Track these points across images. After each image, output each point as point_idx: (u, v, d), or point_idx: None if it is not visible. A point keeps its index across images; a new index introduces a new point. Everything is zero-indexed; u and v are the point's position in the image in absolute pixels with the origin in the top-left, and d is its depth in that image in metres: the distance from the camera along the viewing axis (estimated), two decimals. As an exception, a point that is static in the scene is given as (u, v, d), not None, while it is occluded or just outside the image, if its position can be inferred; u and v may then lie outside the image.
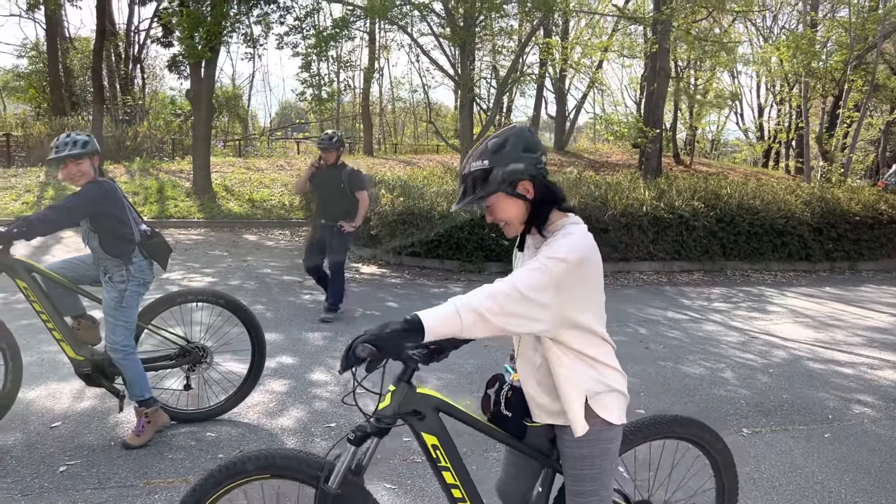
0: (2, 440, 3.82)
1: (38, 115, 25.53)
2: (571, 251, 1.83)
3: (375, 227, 10.28)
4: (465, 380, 5.14)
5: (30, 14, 26.51)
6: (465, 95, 13.65)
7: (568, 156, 26.83)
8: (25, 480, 3.38)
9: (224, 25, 12.82)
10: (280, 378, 5.02)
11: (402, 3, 12.94)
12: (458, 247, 9.62)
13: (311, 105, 16.79)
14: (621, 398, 2.03)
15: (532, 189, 1.95)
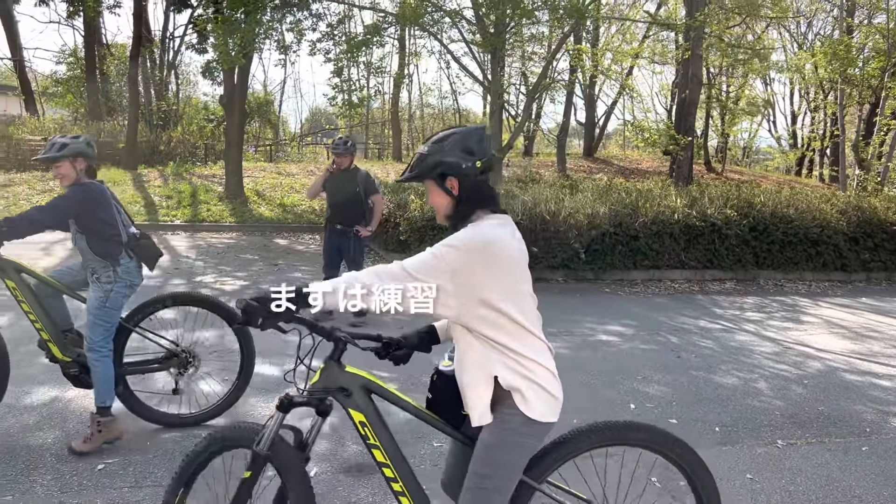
0: (41, 438, 3.91)
1: (75, 119, 26.03)
2: (464, 239, 1.98)
3: (405, 232, 10.31)
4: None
5: (69, 21, 27.09)
6: (495, 102, 13.66)
7: (597, 162, 26.67)
8: (65, 478, 3.45)
9: (258, 32, 12.97)
10: (311, 381, 5.06)
11: (434, 10, 13.00)
12: (487, 253, 9.62)
13: (342, 110, 16.94)
14: (545, 395, 2.05)
15: (458, 187, 2.08)
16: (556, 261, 9.59)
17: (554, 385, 2.10)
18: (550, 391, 2.07)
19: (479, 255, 1.97)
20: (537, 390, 2.04)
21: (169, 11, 26.47)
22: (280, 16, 13.19)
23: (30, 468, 3.53)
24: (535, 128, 29.55)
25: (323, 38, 14.92)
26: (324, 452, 3.87)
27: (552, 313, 7.73)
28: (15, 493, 3.28)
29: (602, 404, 4.83)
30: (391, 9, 15.60)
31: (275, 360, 5.53)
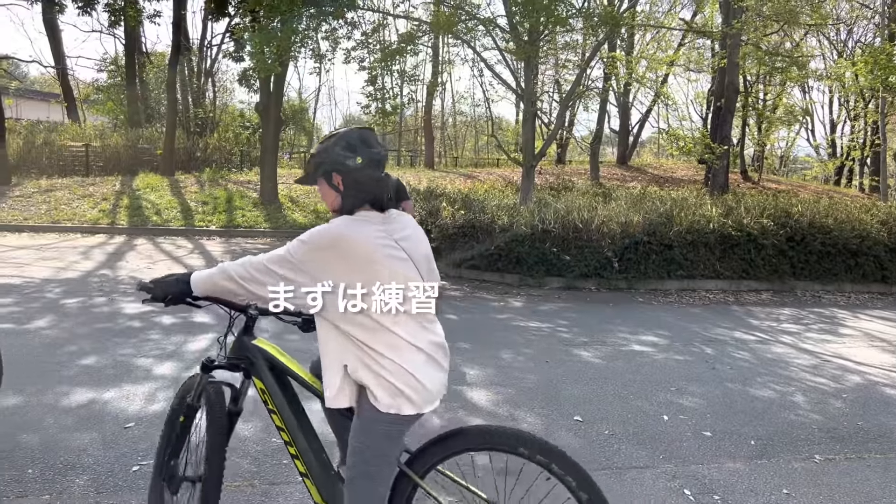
0: (79, 439, 3.97)
1: (115, 126, 26.64)
2: (313, 235, 2.13)
3: (436, 239, 10.33)
4: (525, 395, 5.10)
5: (110, 30, 27.76)
6: (528, 109, 13.62)
7: (631, 171, 26.46)
8: (101, 479, 3.50)
9: (293, 40, 13.14)
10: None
11: (468, 19, 13.03)
12: (519, 261, 9.59)
13: (375, 118, 17.07)
14: (393, 389, 2.13)
15: (342, 182, 2.22)
16: (588, 269, 9.52)
17: (407, 379, 2.15)
18: (399, 386, 2.13)
19: (329, 252, 2.12)
20: (385, 385, 2.13)
21: (207, 20, 26.96)
22: (316, 24, 13.34)
23: (67, 468, 3.59)
24: (568, 135, 29.41)
25: (357, 46, 15.08)
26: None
27: (584, 322, 7.69)
28: (52, 493, 3.34)
29: (634, 415, 4.77)
30: (425, 17, 15.67)
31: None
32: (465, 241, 9.94)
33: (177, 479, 2.68)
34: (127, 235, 13.31)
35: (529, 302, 8.75)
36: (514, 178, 22.76)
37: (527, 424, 4.49)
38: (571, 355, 6.29)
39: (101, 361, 5.38)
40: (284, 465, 3.75)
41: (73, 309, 7.20)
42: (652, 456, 4.11)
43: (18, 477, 3.45)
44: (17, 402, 4.41)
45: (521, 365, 5.89)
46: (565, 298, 9.04)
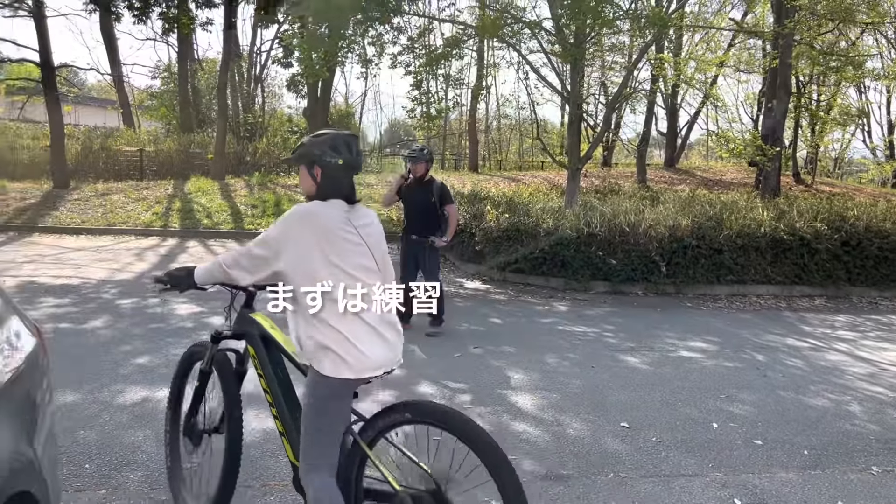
0: (133, 436, 4.09)
1: (168, 131, 27.34)
2: (289, 213, 2.54)
3: (480, 242, 10.33)
4: (571, 400, 5.06)
5: (164, 38, 28.51)
6: (574, 112, 13.52)
7: (679, 173, 26.03)
8: (154, 476, 3.60)
9: (340, 46, 13.30)
10: (388, 389, 5.11)
11: (513, 22, 13.00)
12: (564, 264, 9.52)
13: (420, 122, 17.16)
14: (334, 357, 2.41)
15: (320, 175, 2.59)
16: (635, 273, 9.39)
17: (347, 348, 2.42)
18: (340, 353, 2.41)
19: (298, 225, 2.49)
20: (329, 353, 2.43)
21: (256, 27, 27.51)
22: (362, 30, 13.47)
23: (122, 465, 3.70)
24: (614, 138, 29.09)
25: (403, 51, 15.17)
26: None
27: (631, 327, 7.60)
28: (108, 488, 3.45)
29: (682, 422, 4.69)
30: (471, 21, 15.70)
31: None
32: (510, 245, 9.91)
33: (197, 433, 3.19)
34: (179, 238, 13.64)
35: (575, 306, 8.68)
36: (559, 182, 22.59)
37: (572, 430, 4.46)
38: (618, 361, 6.22)
39: (155, 361, 5.52)
40: (331, 465, 3.80)
41: (127, 309, 7.41)
42: (701, 464, 4.03)
43: (76, 472, 3.57)
44: (74, 399, 4.55)
45: (567, 370, 5.85)
46: (611, 303, 8.94)
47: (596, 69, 23.04)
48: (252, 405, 4.56)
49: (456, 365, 5.83)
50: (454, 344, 6.52)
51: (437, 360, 5.96)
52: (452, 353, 6.20)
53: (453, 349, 6.31)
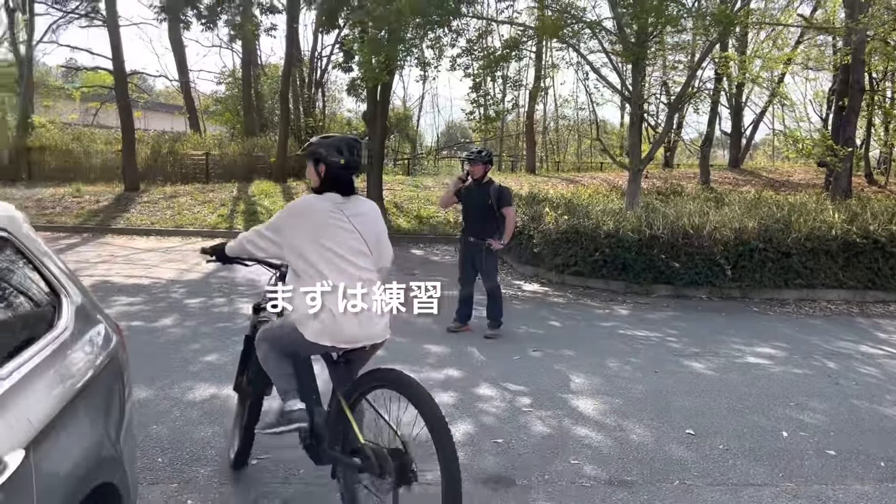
0: (202, 432, 4.21)
1: (232, 136, 28.01)
2: (290, 205, 3.14)
3: (538, 244, 10.27)
4: (633, 405, 4.98)
5: (229, 45, 29.30)
6: (636, 112, 13.31)
7: (744, 174, 25.35)
8: (222, 471, 3.70)
9: (400, 50, 13.43)
10: (447, 390, 5.14)
11: (574, 22, 12.89)
12: (625, 267, 9.38)
13: (479, 124, 17.17)
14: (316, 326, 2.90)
15: (324, 172, 3.07)
16: (699, 277, 9.19)
17: (325, 321, 2.89)
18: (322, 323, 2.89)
19: (297, 216, 3.04)
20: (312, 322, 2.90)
21: (318, 32, 27.91)
22: (421, 33, 13.57)
23: (193, 459, 3.82)
24: (676, 138, 28.52)
25: (462, 53, 15.22)
26: (462, 461, 3.90)
27: (695, 332, 7.43)
28: (180, 482, 3.56)
29: (750, 430, 4.56)
30: (530, 22, 15.63)
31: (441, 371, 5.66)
32: (569, 247, 9.82)
33: (244, 390, 3.75)
34: (243, 239, 13.96)
35: (636, 310, 8.55)
36: (619, 183, 22.27)
37: (635, 436, 4.39)
38: (682, 366, 6.10)
39: (222, 359, 5.67)
40: (393, 465, 3.83)
41: (195, 308, 7.64)
42: (770, 473, 3.92)
43: (150, 465, 3.70)
44: (147, 394, 4.72)
45: (629, 374, 5.76)
46: (674, 307, 8.76)
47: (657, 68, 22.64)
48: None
49: (515, 368, 5.81)
50: (512, 347, 6.50)
51: (496, 362, 5.96)
52: (511, 355, 6.18)
53: (512, 352, 6.30)
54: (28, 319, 2.10)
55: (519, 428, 4.43)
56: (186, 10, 19.44)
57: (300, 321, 2.93)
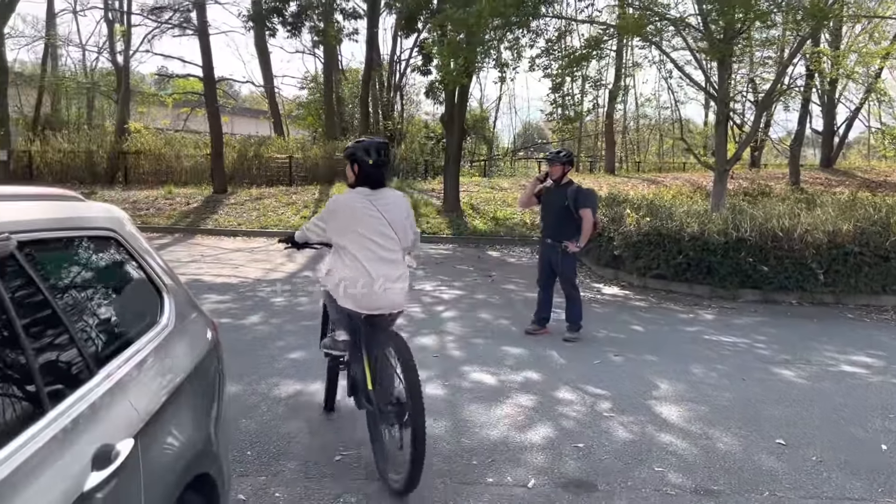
0: (288, 427, 4.34)
1: (314, 139, 28.73)
2: (330, 203, 3.89)
3: (619, 247, 10.09)
4: (720, 413, 4.83)
5: (312, 50, 30.07)
6: (722, 111, 12.89)
7: (837, 174, 24.22)
8: (308, 466, 3.80)
9: (479, 52, 13.47)
10: (527, 393, 5.12)
11: (657, 19, 12.60)
12: (710, 271, 9.10)
13: (559, 125, 17.02)
14: (346, 295, 3.72)
15: (358, 170, 3.80)
16: (789, 281, 8.82)
17: (351, 291, 3.70)
18: (350, 293, 3.70)
19: (335, 211, 3.81)
20: (335, 287, 3.80)
21: (397, 36, 28.33)
22: (500, 35, 13.57)
23: (279, 454, 3.94)
24: (764, 137, 27.48)
25: (541, 54, 15.12)
26: (541, 465, 3.89)
27: (785, 338, 7.14)
28: (268, 475, 3.68)
29: (846, 442, 4.35)
30: (611, 21, 15.38)
31: (521, 374, 5.68)
32: (651, 250, 9.61)
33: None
34: (324, 240, 14.30)
35: (722, 315, 8.28)
36: (703, 183, 21.65)
37: (722, 444, 4.26)
38: (771, 374, 5.87)
39: (306, 356, 5.83)
40: (474, 465, 3.85)
41: (280, 307, 7.87)
42: (869, 488, 3.73)
43: (240, 458, 3.84)
44: (237, 389, 4.90)
45: (715, 381, 5.59)
46: (762, 312, 8.44)
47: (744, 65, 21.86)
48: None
49: (595, 372, 5.73)
50: (592, 350, 6.41)
51: (576, 365, 5.89)
52: (591, 359, 6.10)
53: (592, 356, 6.21)
54: (134, 314, 2.22)
55: (600, 433, 4.37)
56: (272, 17, 20.05)
57: (333, 290, 3.82)
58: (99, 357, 1.82)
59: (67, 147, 24.11)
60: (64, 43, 32.64)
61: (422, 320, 7.46)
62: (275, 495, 3.46)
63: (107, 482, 1.51)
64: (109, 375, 1.79)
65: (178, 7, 21.67)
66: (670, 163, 41.23)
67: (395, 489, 3.45)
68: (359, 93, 24.85)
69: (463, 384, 5.27)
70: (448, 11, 13.39)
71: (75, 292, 1.96)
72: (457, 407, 4.76)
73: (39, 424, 1.46)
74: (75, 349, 1.71)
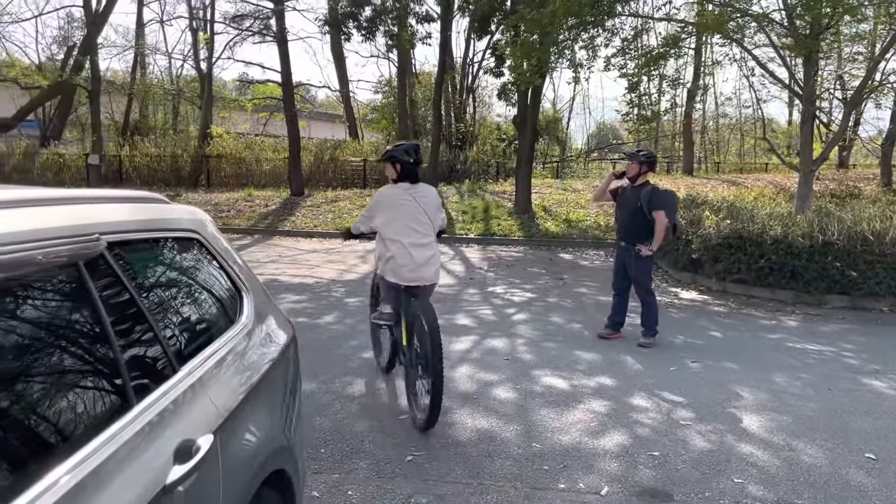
0: (361, 426, 4.40)
1: (387, 142, 29.06)
2: (376, 196, 4.75)
3: (697, 250, 9.80)
4: (804, 424, 4.62)
5: (386, 54, 30.47)
6: (807, 110, 12.35)
7: (935, 175, 22.81)
8: (380, 465, 3.84)
9: (552, 52, 13.34)
10: (600, 398, 5.03)
11: (738, 16, 12.19)
12: (794, 275, 8.74)
13: (635, 125, 16.69)
14: (387, 269, 4.62)
15: (399, 169, 4.66)
16: (880, 287, 8.37)
17: (394, 267, 4.58)
18: (393, 269, 4.59)
19: (379, 203, 4.69)
20: (387, 268, 4.63)
21: (470, 39, 28.40)
22: (575, 35, 13.40)
23: (353, 452, 4.00)
24: (853, 137, 26.21)
25: (617, 53, 14.86)
26: (615, 472, 3.81)
27: (875, 347, 6.78)
28: (341, 473, 3.74)
29: (945, 460, 4.09)
30: (690, 18, 14.98)
31: (593, 379, 5.60)
32: (731, 253, 9.29)
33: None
34: (397, 242, 14.44)
35: (806, 321, 7.93)
36: (787, 185, 20.84)
37: (807, 457, 4.08)
38: (859, 384, 5.58)
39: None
40: (545, 470, 3.81)
41: (353, 307, 8.00)
42: (970, 510, 3.49)
43: (314, 455, 3.91)
44: (312, 387, 5.00)
45: (798, 391, 5.36)
46: (850, 319, 8.04)
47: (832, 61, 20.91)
48: (466, 405, 4.73)
49: (672, 378, 5.58)
50: (669, 356, 6.24)
51: (652, 371, 5.75)
52: (668, 365, 5.94)
53: (668, 362, 6.05)
54: (215, 313, 2.29)
55: (677, 441, 4.25)
56: (348, 22, 20.42)
57: (381, 269, 4.72)
58: (181, 354, 1.88)
59: (154, 151, 25.22)
60: (152, 51, 34.10)
61: (493, 323, 7.44)
62: (347, 493, 3.51)
63: (188, 476, 1.56)
64: (191, 372, 1.86)
65: (258, 15, 22.29)
66: (751, 163, 39.84)
67: (419, 427, 4.28)
68: (431, 96, 24.96)
69: (534, 388, 5.23)
70: (522, 12, 13.32)
71: (160, 291, 2.04)
72: (528, 411, 4.72)
73: (127, 418, 1.52)
74: (160, 346, 1.78)
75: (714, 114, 40.36)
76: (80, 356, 1.53)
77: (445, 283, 9.61)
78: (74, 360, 1.51)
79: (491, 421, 4.52)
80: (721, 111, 39.86)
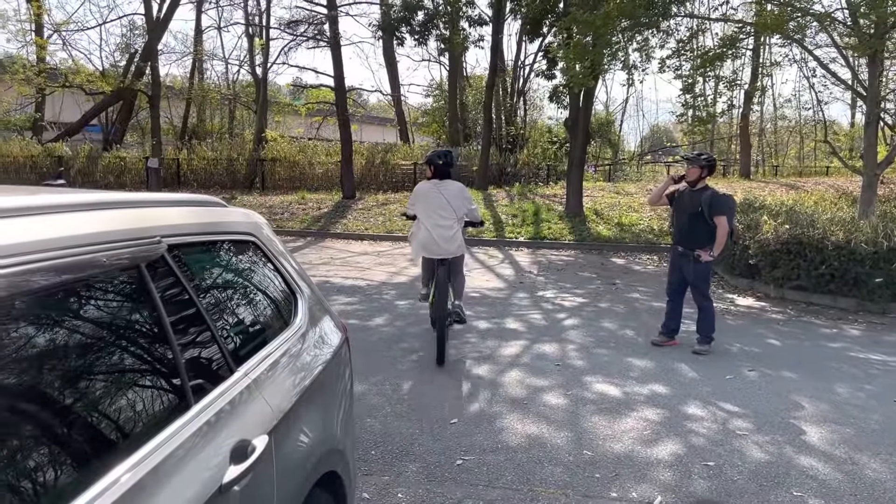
0: (410, 428, 4.41)
1: (438, 146, 29.22)
2: (414, 189, 6.31)
3: (754, 256, 9.55)
4: (868, 437, 4.45)
5: (437, 58, 30.62)
6: (872, 111, 11.92)
7: None
8: (430, 468, 3.84)
9: (606, 54, 13.19)
10: (653, 406, 4.94)
11: (799, 15, 11.86)
12: (857, 283, 8.43)
13: (692, 127, 16.38)
14: (416, 247, 6.11)
15: (433, 170, 6.16)
16: (950, 297, 8.02)
17: (421, 241, 6.00)
18: (419, 245, 6.05)
19: (415, 191, 6.19)
20: (415, 244, 6.11)
21: (521, 41, 28.30)
22: (629, 36, 13.23)
23: (402, 454, 4.01)
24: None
25: (672, 54, 14.61)
26: (668, 482, 3.74)
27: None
28: (391, 475, 3.76)
29: None
30: (748, 18, 14.64)
31: (646, 387, 5.52)
32: (790, 259, 9.02)
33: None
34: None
35: (870, 330, 7.65)
36: (850, 189, 20.16)
37: (870, 471, 3.93)
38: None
39: (427, 358, 5.92)
40: (597, 478, 3.76)
41: (404, 309, 8.04)
42: None
43: (365, 457, 3.94)
44: (362, 389, 5.04)
45: (861, 402, 5.17)
46: (916, 329, 7.72)
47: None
48: (516, 409, 4.70)
49: (728, 387, 5.44)
50: (725, 364, 6.09)
51: (707, 380, 5.61)
52: (723, 374, 5.79)
53: (724, 370, 5.90)
54: (270, 315, 2.32)
55: (732, 452, 4.14)
56: (401, 26, 20.58)
57: (412, 244, 6.12)
58: (238, 355, 1.92)
59: (211, 155, 25.83)
60: (209, 57, 35.01)
61: (543, 328, 7.38)
62: (398, 496, 3.52)
63: (243, 476, 1.58)
64: (247, 373, 1.89)
65: (312, 20, 22.67)
66: (811, 167, 38.66)
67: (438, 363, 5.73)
68: (482, 99, 24.99)
69: (585, 395, 5.16)
70: (574, 14, 13.21)
71: (217, 293, 2.08)
72: (579, 417, 4.67)
73: (185, 418, 1.55)
74: (217, 347, 1.81)
75: (772, 116, 39.33)
76: (140, 356, 1.57)
77: (494, 286, 9.57)
78: (135, 359, 1.55)
79: (541, 427, 4.48)
80: (780, 113, 38.84)
